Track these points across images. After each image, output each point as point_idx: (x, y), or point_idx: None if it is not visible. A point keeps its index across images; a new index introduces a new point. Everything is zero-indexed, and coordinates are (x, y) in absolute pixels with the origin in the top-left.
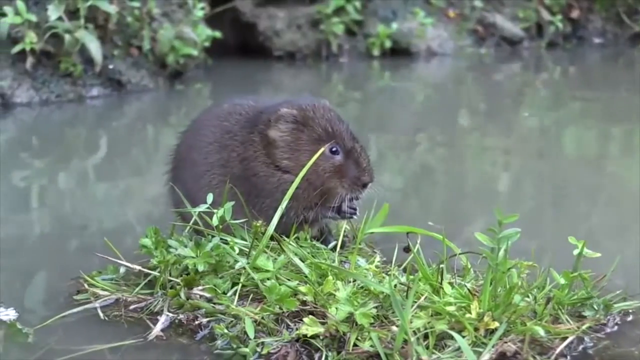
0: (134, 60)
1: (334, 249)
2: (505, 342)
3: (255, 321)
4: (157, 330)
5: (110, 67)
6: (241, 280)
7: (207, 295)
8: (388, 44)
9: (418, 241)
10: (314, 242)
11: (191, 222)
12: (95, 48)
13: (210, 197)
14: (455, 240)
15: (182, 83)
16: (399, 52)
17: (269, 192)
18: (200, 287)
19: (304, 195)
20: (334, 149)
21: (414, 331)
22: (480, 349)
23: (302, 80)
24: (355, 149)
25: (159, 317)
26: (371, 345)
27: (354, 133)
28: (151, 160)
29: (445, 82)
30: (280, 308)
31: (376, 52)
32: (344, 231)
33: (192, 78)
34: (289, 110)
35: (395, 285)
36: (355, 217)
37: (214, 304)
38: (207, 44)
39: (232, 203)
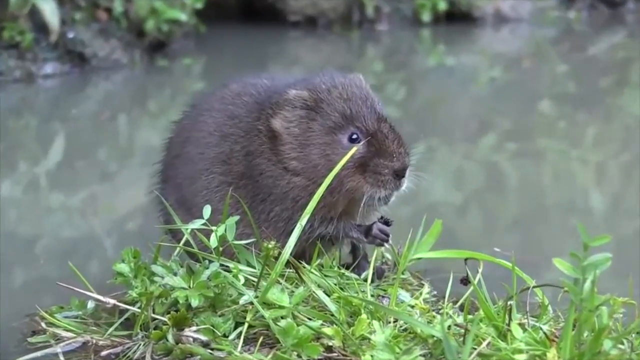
0: (102, 27)
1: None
2: None
3: None
4: None
5: (70, 35)
6: (247, 318)
7: (203, 338)
8: (442, 6)
9: (480, 270)
10: (342, 270)
11: (182, 241)
12: (50, 10)
13: (207, 210)
14: (529, 269)
15: (165, 57)
16: (458, 17)
17: (278, 198)
18: (193, 328)
19: (321, 203)
20: (353, 136)
21: None
22: None
23: (325, 54)
24: (380, 131)
25: None
26: None
27: (382, 111)
28: (124, 160)
29: (519, 57)
30: (299, 355)
31: (426, 17)
32: (383, 257)
33: (179, 51)
34: (298, 93)
35: (449, 327)
36: (387, 244)
37: (212, 349)
38: (199, 5)
39: (237, 218)
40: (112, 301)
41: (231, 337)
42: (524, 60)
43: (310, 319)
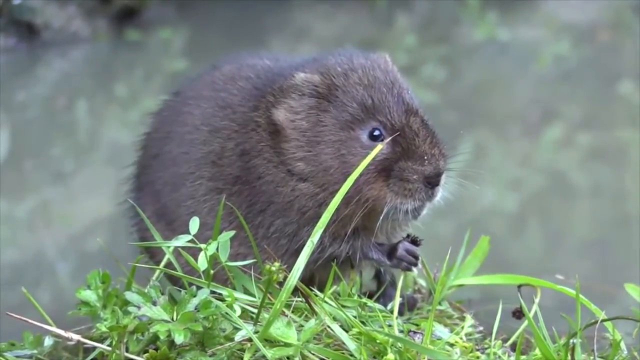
0: None
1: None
2: None
3: None
4: None
5: (16, 1)
6: (245, 359)
7: None
8: None
9: (536, 300)
10: (364, 300)
11: (162, 263)
12: None
13: (194, 224)
14: (598, 298)
15: (137, 28)
16: None
17: (280, 208)
18: None
19: (333, 215)
20: (375, 133)
21: None
22: None
23: (342, 25)
24: (409, 127)
25: None
26: None
27: (413, 102)
28: (85, 160)
29: (594, 28)
30: None
31: None
32: (415, 283)
33: (155, 20)
34: (307, 77)
35: None
36: (415, 268)
37: None
38: None
39: (231, 234)
40: (76, 337)
41: None
42: (599, 32)
43: None
